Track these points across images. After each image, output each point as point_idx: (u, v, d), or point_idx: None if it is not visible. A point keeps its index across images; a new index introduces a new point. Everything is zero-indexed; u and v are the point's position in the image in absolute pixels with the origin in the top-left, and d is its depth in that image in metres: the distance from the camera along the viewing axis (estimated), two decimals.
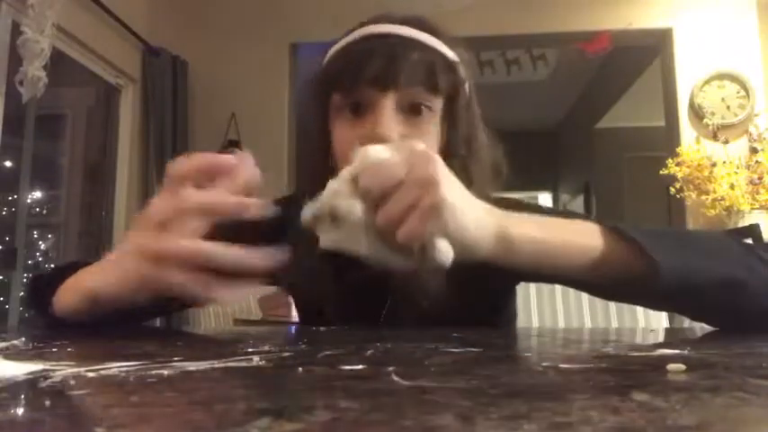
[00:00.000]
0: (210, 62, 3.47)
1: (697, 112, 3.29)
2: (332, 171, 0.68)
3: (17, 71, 2.25)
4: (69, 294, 0.61)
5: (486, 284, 0.71)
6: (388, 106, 0.69)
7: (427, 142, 0.68)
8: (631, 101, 5.08)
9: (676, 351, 0.45)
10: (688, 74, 3.33)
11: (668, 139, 3.42)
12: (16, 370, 0.32)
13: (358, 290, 0.73)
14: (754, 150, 3.11)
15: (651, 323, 1.06)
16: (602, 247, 0.55)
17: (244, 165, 0.53)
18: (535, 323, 1.07)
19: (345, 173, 0.54)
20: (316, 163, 0.76)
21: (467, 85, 0.76)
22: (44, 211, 3.35)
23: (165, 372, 0.33)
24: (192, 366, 0.36)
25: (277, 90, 3.48)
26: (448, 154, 0.71)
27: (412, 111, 0.71)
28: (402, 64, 0.69)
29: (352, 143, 0.67)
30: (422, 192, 0.48)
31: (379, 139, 0.66)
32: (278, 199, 0.93)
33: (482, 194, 0.71)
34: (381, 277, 0.70)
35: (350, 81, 0.70)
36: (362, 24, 0.77)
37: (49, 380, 0.30)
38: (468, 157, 0.75)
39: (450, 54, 0.74)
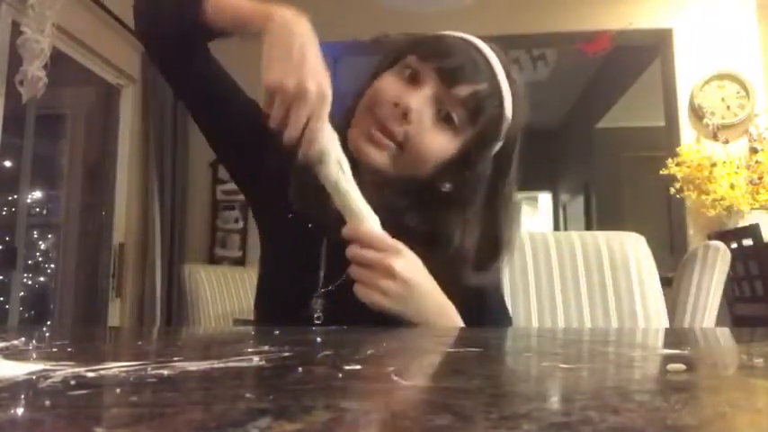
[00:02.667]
0: None
1: (697, 112, 3.29)
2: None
3: (17, 71, 2.25)
4: None
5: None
6: (432, 88, 0.76)
7: (433, 153, 0.77)
8: (631, 101, 5.07)
9: (676, 351, 0.45)
10: (688, 74, 3.32)
11: (668, 139, 3.42)
12: (16, 370, 0.32)
13: None
14: (754, 150, 3.11)
15: (651, 323, 1.06)
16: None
17: None
18: (535, 323, 1.07)
19: None
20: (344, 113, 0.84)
21: (502, 134, 0.80)
22: (44, 211, 3.35)
23: (165, 372, 0.33)
24: (192, 366, 0.36)
25: None
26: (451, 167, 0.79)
27: (443, 117, 0.77)
28: (469, 78, 0.76)
29: (386, 95, 0.77)
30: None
31: (403, 107, 0.75)
32: None
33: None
34: None
35: (425, 56, 0.77)
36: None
37: (49, 380, 0.30)
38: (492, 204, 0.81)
39: (507, 100, 0.78)
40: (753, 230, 2.55)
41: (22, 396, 0.27)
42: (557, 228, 7.06)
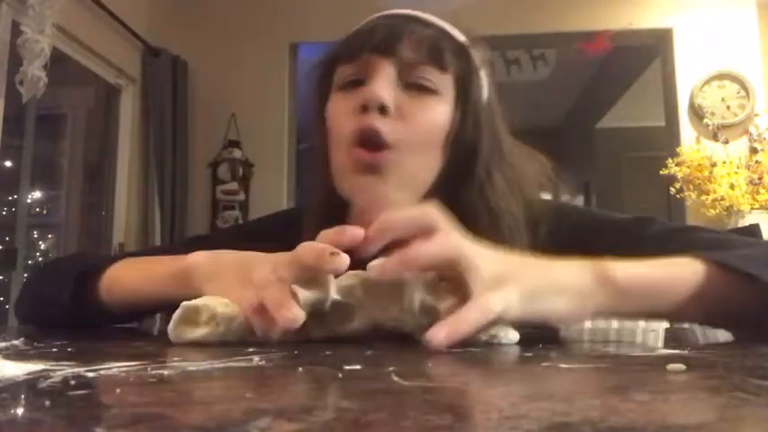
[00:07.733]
0: (210, 62, 3.47)
1: (697, 112, 3.28)
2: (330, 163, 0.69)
3: (17, 71, 2.25)
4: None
5: None
6: (385, 70, 0.66)
7: (428, 120, 0.66)
8: (631, 101, 5.07)
9: (676, 351, 0.45)
10: (688, 74, 3.32)
11: (668, 139, 3.42)
12: (16, 370, 0.32)
13: None
14: (754, 150, 3.10)
15: (651, 323, 1.06)
16: (705, 278, 0.53)
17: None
18: None
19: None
20: (318, 165, 0.73)
21: (483, 76, 0.72)
22: (44, 211, 3.35)
23: (165, 372, 0.33)
24: (192, 366, 0.36)
25: (277, 90, 3.48)
26: (461, 145, 0.69)
27: (416, 88, 0.67)
28: (404, 34, 0.67)
29: (346, 113, 0.65)
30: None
31: (374, 102, 0.63)
32: (279, 213, 0.93)
33: (526, 202, 0.73)
34: None
35: (351, 50, 0.69)
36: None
37: (49, 380, 0.30)
38: (497, 158, 0.71)
39: (461, 37, 0.71)
40: (753, 230, 2.54)
41: (22, 396, 0.27)
42: None
